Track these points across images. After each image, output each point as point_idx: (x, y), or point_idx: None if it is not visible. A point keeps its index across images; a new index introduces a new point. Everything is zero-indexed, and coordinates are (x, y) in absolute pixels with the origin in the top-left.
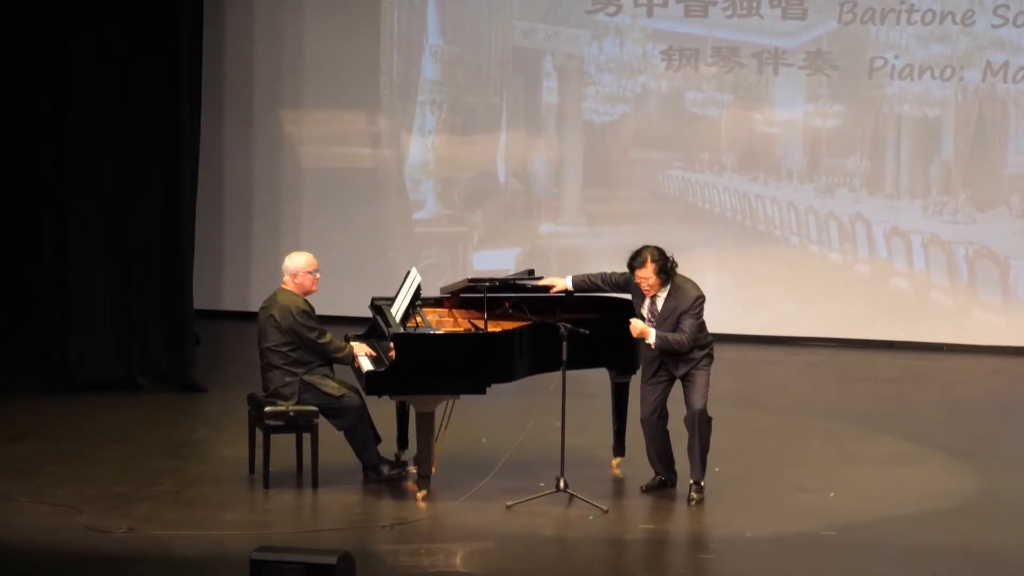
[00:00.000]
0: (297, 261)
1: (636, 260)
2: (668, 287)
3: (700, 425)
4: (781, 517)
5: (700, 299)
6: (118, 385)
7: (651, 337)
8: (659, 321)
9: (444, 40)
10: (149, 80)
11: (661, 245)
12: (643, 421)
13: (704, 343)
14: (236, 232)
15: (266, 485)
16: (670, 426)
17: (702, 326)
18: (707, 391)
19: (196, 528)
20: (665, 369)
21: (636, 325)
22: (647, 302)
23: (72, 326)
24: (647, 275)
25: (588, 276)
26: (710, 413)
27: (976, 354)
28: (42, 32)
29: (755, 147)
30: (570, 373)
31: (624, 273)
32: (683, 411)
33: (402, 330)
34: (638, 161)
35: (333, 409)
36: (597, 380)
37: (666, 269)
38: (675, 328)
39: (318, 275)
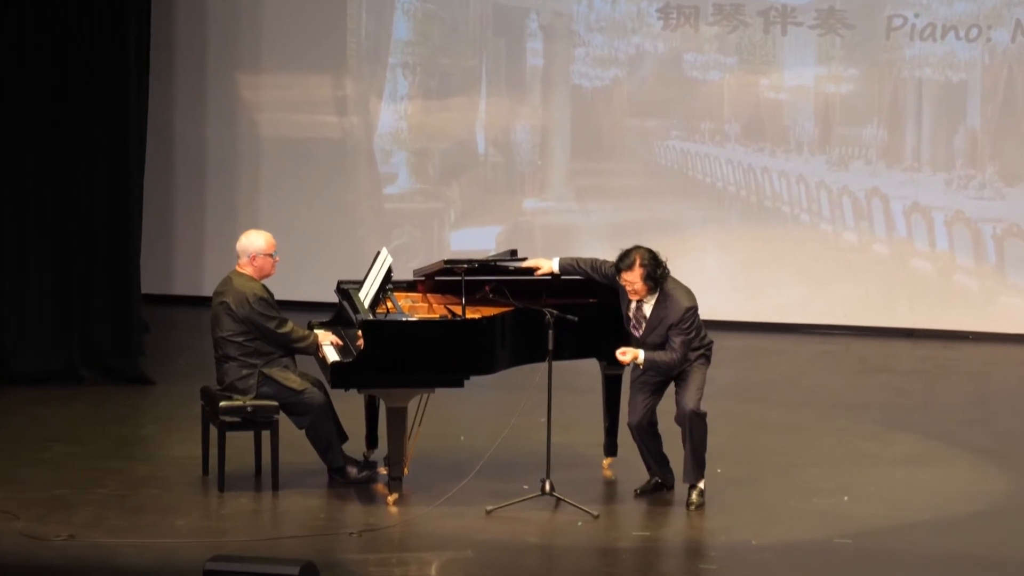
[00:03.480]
0: (255, 241)
1: (623, 262)
2: (656, 295)
3: (693, 425)
4: (789, 523)
5: (691, 311)
6: (56, 377)
7: (640, 358)
8: (646, 331)
9: None
10: (91, 39)
11: (657, 222)
12: (631, 427)
13: (700, 344)
14: (188, 208)
15: (221, 488)
16: (665, 425)
17: (698, 332)
18: (701, 390)
19: (144, 535)
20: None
21: (624, 356)
22: (633, 306)
23: (4, 312)
24: (633, 280)
25: (577, 260)
26: (705, 409)
27: (1005, 343)
28: None
29: (761, 115)
30: (557, 364)
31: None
32: (673, 409)
33: (371, 317)
34: (632, 130)
35: (293, 405)
36: (587, 372)
37: (655, 276)
38: (664, 339)
39: (277, 257)
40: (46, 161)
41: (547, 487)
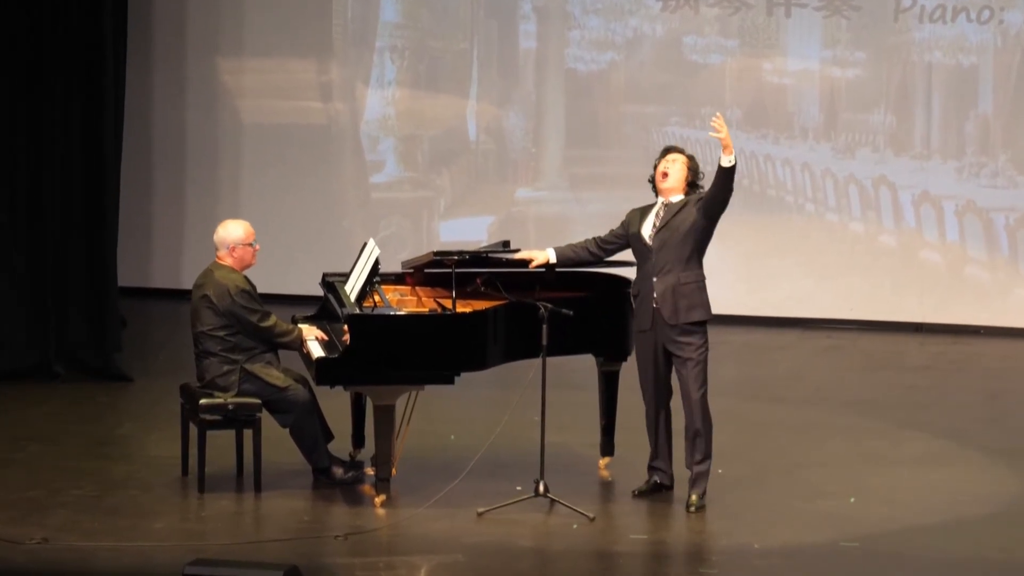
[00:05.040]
0: (233, 231)
1: (675, 146)
2: (682, 199)
3: (699, 435)
4: (794, 525)
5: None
6: (30, 374)
7: (730, 156)
8: (662, 221)
9: None
10: (65, 22)
11: None
12: (649, 402)
13: (699, 319)
14: (166, 198)
15: (201, 489)
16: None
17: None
18: (704, 385)
19: (120, 539)
20: (657, 342)
21: (721, 128)
22: (648, 223)
23: None
24: (677, 157)
25: (574, 246)
26: (711, 406)
27: (1018, 337)
28: None
29: (764, 101)
30: (551, 360)
31: (621, 224)
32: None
33: (358, 311)
34: (629, 116)
35: (276, 402)
36: (582, 368)
37: (696, 170)
38: (684, 228)
39: (257, 246)
40: (20, 150)
41: (541, 488)
